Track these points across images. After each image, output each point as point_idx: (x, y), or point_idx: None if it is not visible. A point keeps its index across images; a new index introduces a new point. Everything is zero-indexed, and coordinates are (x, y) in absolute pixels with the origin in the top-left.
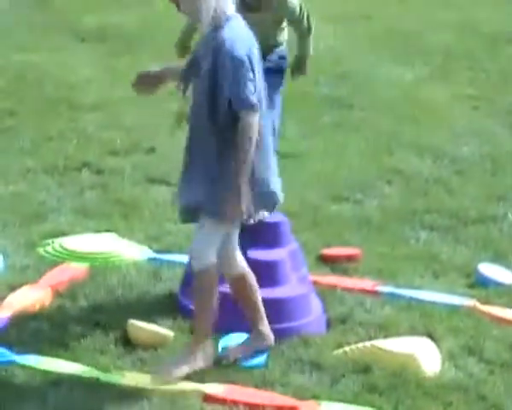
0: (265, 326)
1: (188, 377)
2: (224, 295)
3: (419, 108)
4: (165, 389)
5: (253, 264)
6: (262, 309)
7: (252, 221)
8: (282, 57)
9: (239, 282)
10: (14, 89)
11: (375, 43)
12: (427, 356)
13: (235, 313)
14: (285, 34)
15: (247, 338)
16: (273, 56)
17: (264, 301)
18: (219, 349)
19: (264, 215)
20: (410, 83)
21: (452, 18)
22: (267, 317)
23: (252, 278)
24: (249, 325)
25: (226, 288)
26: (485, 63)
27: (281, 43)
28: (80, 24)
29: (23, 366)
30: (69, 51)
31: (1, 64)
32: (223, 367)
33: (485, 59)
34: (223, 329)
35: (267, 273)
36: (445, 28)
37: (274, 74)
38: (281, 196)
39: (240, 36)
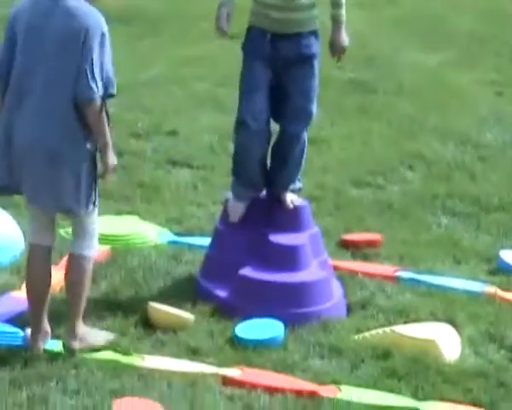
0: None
1: (207, 360)
2: (247, 281)
3: (443, 93)
4: (185, 372)
5: (274, 248)
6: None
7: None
8: (310, 44)
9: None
10: None
11: (400, 27)
12: (447, 342)
13: (255, 299)
14: (315, 20)
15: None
16: (300, 42)
17: (285, 285)
18: (236, 333)
19: (287, 201)
20: (435, 68)
21: (478, 2)
22: (287, 301)
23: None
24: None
25: (248, 273)
26: (511, 48)
27: (310, 29)
28: (104, 6)
29: (44, 349)
30: None
31: None
32: (242, 350)
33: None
34: (242, 314)
35: (288, 258)
36: (470, 12)
37: (303, 61)
38: None
39: (20, 4)
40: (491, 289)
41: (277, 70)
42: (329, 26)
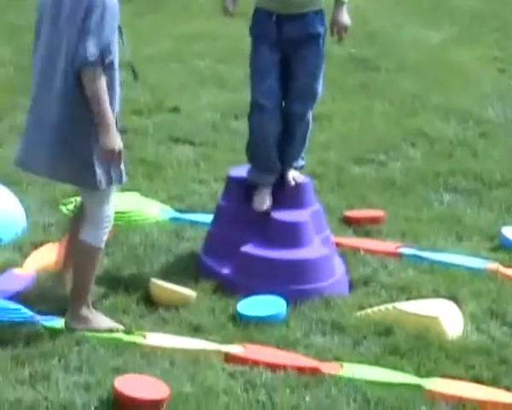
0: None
1: (209, 337)
2: (249, 258)
3: (445, 70)
4: (187, 349)
5: (276, 225)
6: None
7: None
8: (315, 23)
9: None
10: None
11: (402, 4)
12: (449, 319)
13: (257, 276)
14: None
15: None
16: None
17: (287, 262)
18: (238, 310)
19: (289, 178)
20: (437, 45)
21: None
22: (290, 278)
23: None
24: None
25: (250, 250)
26: None
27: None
28: None
29: (46, 326)
30: None
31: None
32: (244, 327)
33: None
34: (244, 291)
35: (290, 234)
36: None
37: (309, 41)
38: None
39: None
40: (493, 265)
41: (284, 50)
42: (332, 4)
